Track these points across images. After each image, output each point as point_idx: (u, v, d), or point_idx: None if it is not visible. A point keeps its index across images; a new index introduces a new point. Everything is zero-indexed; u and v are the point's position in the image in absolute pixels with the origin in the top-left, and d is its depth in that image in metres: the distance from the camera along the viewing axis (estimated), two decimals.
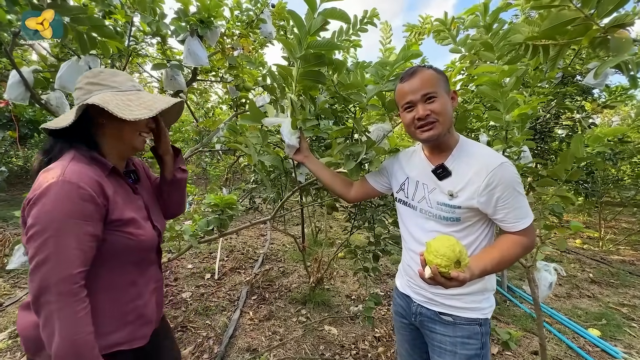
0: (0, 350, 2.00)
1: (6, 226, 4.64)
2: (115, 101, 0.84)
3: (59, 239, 0.72)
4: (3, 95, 1.87)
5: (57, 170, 0.76)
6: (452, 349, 0.98)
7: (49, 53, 2.11)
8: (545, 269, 1.67)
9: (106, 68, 1.05)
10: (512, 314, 2.73)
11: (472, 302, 0.97)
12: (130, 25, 1.99)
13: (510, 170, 0.89)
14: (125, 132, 0.89)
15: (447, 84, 0.96)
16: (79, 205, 0.74)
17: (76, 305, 0.72)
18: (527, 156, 2.11)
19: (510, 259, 0.89)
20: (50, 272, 0.71)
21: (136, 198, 0.95)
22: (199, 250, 4.03)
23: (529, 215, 0.91)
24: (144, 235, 0.88)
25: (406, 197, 1.09)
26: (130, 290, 0.89)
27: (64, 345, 0.70)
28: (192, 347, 2.13)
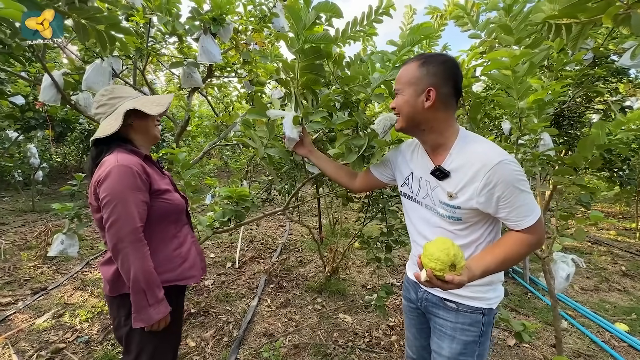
0: (45, 329, 2.22)
1: (49, 217, 5.05)
2: (141, 103, 1.14)
3: (124, 204, 1.01)
4: (37, 98, 2.03)
5: (112, 159, 1.05)
6: (452, 333, 1.00)
7: (77, 57, 2.26)
8: (562, 260, 1.62)
9: (113, 86, 1.24)
10: (533, 307, 2.66)
11: (477, 292, 0.97)
12: (149, 26, 2.08)
13: (510, 168, 0.84)
14: (148, 125, 1.20)
15: (430, 78, 0.90)
16: (132, 180, 1.04)
17: (143, 247, 1.04)
18: (547, 144, 2.02)
19: (514, 258, 0.87)
20: (122, 226, 1.00)
21: (164, 177, 1.26)
22: (221, 241, 4.20)
23: (533, 213, 0.86)
24: (176, 200, 1.20)
25: (411, 192, 1.09)
26: (174, 241, 1.19)
27: (138, 273, 1.01)
28: (213, 330, 2.26)
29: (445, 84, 0.90)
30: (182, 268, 1.19)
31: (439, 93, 0.89)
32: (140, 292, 1.02)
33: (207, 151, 2.67)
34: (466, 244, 0.95)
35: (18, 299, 2.62)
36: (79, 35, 1.60)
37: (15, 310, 2.43)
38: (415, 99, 0.92)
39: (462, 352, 0.99)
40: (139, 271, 1.01)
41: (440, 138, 0.95)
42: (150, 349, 1.11)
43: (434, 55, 0.92)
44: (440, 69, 0.89)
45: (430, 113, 0.92)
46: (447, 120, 0.94)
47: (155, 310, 1.04)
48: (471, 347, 0.98)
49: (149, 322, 1.03)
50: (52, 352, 1.99)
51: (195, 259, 1.25)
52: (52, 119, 3.09)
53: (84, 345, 2.07)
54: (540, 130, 1.75)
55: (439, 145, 0.97)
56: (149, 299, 1.03)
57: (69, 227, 2.12)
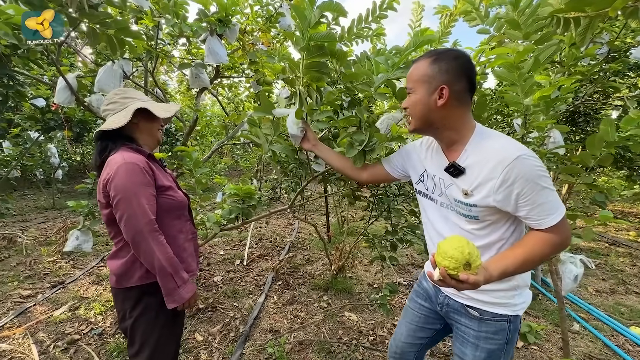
0: (62, 320, 2.32)
1: (67, 214, 5.26)
2: (150, 105, 1.19)
3: (137, 199, 1.06)
4: (53, 100, 2.11)
5: (119, 158, 1.09)
6: (475, 342, 0.96)
7: (90, 60, 2.34)
8: (570, 261, 1.58)
9: (127, 87, 1.29)
10: (544, 308, 2.60)
11: (502, 298, 0.92)
12: (157, 28, 2.14)
13: (530, 163, 0.79)
14: (153, 128, 1.26)
15: (442, 75, 0.86)
16: (141, 176, 1.09)
17: (160, 236, 1.10)
18: (558, 141, 1.97)
19: (537, 260, 0.82)
20: (139, 220, 1.05)
21: (167, 174, 1.31)
22: (231, 238, 4.27)
23: (557, 211, 0.80)
24: (179, 197, 1.25)
25: (426, 190, 1.06)
26: (180, 236, 1.25)
27: (162, 260, 1.07)
28: (220, 325, 2.31)
29: (459, 81, 0.86)
30: (187, 262, 1.25)
31: (452, 90, 0.86)
32: (167, 277, 1.09)
33: (215, 150, 2.73)
34: (485, 245, 0.91)
35: (38, 291, 2.75)
36: (90, 39, 1.67)
37: (35, 302, 2.55)
38: (427, 97, 0.88)
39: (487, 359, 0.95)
40: (162, 258, 1.08)
41: (455, 135, 0.92)
42: (153, 340, 1.15)
43: (445, 52, 0.88)
44: (452, 65, 0.86)
45: (443, 111, 0.88)
46: (462, 116, 0.90)
47: (185, 289, 1.13)
48: (496, 355, 0.94)
49: (181, 301, 1.12)
50: (68, 343, 2.08)
51: (192, 254, 1.31)
52: (69, 120, 3.22)
53: (97, 337, 2.16)
54: (548, 127, 1.71)
55: (454, 141, 0.93)
56: (177, 281, 1.11)
57: (83, 224, 2.21)
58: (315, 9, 1.12)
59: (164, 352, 1.21)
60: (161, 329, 1.16)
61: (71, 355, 1.99)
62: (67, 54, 3.63)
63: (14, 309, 2.45)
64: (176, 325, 1.26)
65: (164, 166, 1.35)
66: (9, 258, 3.44)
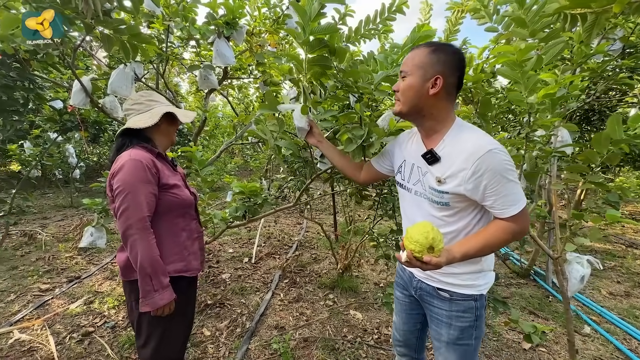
0: (78, 314, 2.42)
1: (85, 212, 5.44)
2: (174, 110, 1.28)
3: (134, 194, 1.10)
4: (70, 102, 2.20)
5: (126, 155, 1.15)
6: (448, 321, 1.04)
7: (104, 64, 2.43)
8: (577, 261, 1.55)
9: (152, 91, 1.37)
10: (554, 310, 2.55)
11: (468, 280, 1.01)
12: (167, 32, 2.21)
13: (499, 157, 0.86)
14: (171, 130, 1.34)
15: (440, 65, 0.91)
16: (143, 173, 1.13)
17: (150, 235, 1.12)
18: (565, 140, 1.94)
19: (495, 244, 0.90)
20: (131, 215, 1.09)
21: (176, 173, 1.36)
22: (240, 237, 4.34)
23: (518, 203, 0.89)
24: (184, 195, 1.29)
25: (402, 180, 1.12)
26: (182, 234, 1.28)
27: (144, 259, 1.09)
28: (228, 321, 2.36)
29: (453, 74, 0.92)
30: (187, 260, 1.28)
31: (446, 82, 0.91)
32: (146, 277, 1.10)
33: (224, 149, 2.79)
34: (454, 231, 0.99)
35: (55, 286, 2.87)
36: (105, 44, 1.74)
37: (53, 296, 2.66)
38: (421, 84, 0.92)
39: (460, 337, 1.03)
40: (145, 257, 1.09)
41: (437, 125, 0.98)
42: (159, 333, 1.20)
43: (444, 45, 0.94)
44: (450, 58, 0.91)
45: (433, 100, 0.94)
46: (447, 109, 0.97)
47: (160, 296, 1.12)
48: (468, 332, 1.03)
49: (154, 306, 1.11)
50: (83, 335, 2.17)
51: (197, 253, 1.34)
52: (85, 121, 3.35)
53: (110, 329, 2.24)
54: (554, 125, 1.69)
55: (435, 131, 0.99)
56: (154, 284, 1.11)
57: (97, 221, 2.30)
58: (315, 1, 1.15)
59: (170, 344, 1.24)
60: (167, 322, 1.20)
61: (85, 346, 2.07)
62: (82, 57, 3.78)
63: (34, 302, 2.57)
64: (182, 322, 1.29)
65: (174, 165, 1.39)
66: (29, 253, 3.60)
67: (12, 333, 2.17)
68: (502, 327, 2.32)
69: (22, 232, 4.20)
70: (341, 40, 1.86)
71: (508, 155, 0.88)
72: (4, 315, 2.40)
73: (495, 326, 2.34)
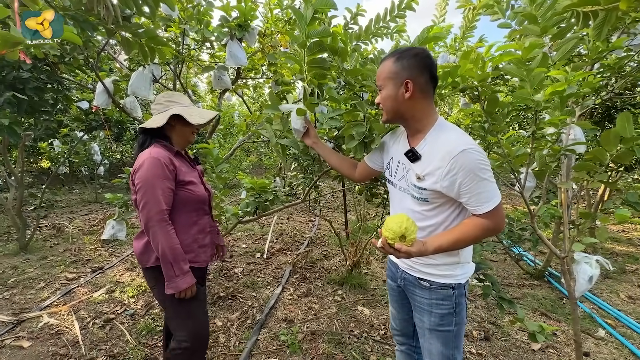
0: (100, 301, 2.58)
1: (108, 207, 5.72)
2: (187, 112, 1.35)
3: (153, 189, 1.21)
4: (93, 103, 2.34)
5: (147, 153, 1.26)
6: (429, 308, 1.11)
7: (124, 67, 2.57)
8: (585, 261, 1.53)
9: (174, 92, 1.44)
10: (567, 313, 2.49)
11: (446, 270, 1.08)
12: (183, 35, 2.31)
13: (473, 157, 0.91)
14: (186, 131, 1.40)
15: (406, 71, 0.97)
16: (161, 170, 1.23)
17: (168, 227, 1.23)
18: (577, 138, 1.90)
19: (468, 239, 0.96)
20: (151, 208, 1.20)
21: (194, 170, 1.45)
22: (253, 232, 4.45)
23: (492, 200, 0.93)
24: (199, 192, 1.38)
25: (390, 176, 1.18)
26: (194, 227, 1.38)
27: (165, 248, 1.20)
28: (239, 313, 2.45)
29: (421, 74, 0.98)
30: (196, 252, 1.38)
31: (416, 83, 0.98)
32: (168, 264, 1.22)
33: (237, 147, 2.88)
34: (433, 225, 1.05)
35: (80, 275, 3.06)
36: (124, 48, 1.85)
37: (78, 284, 2.84)
38: (395, 92, 1.00)
39: (440, 323, 1.10)
40: (165, 246, 1.20)
41: (419, 125, 1.04)
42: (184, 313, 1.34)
43: (406, 50, 1.00)
44: (412, 61, 0.97)
45: (410, 103, 1.00)
46: (427, 108, 1.03)
47: (182, 280, 1.24)
48: (448, 318, 1.09)
49: (177, 289, 1.23)
50: (104, 321, 2.31)
51: (207, 247, 1.44)
52: (108, 120, 3.54)
53: (129, 317, 2.38)
54: (564, 123, 1.66)
55: (418, 131, 1.06)
56: (175, 270, 1.22)
57: (118, 214, 2.44)
58: (310, 7, 1.20)
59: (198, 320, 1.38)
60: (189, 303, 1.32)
61: (107, 331, 2.21)
62: (107, 60, 3.98)
63: (61, 290, 2.75)
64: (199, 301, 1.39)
65: (193, 163, 1.49)
66: (57, 245, 3.84)
67: (42, 317, 2.34)
68: (511, 327, 2.29)
69: (52, 225, 4.48)
70: (351, 40, 1.90)
71: (483, 155, 0.93)
72: (35, 301, 2.58)
73: (505, 326, 2.32)
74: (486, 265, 1.78)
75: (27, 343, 2.07)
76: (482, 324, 2.35)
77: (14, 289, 2.77)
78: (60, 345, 2.07)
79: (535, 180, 1.86)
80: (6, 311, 2.43)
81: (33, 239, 3.76)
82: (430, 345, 1.13)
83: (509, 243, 2.77)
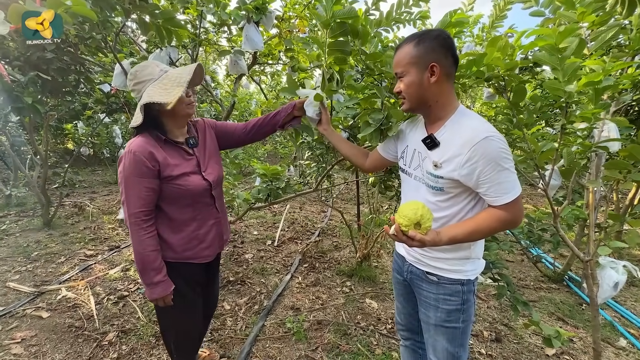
0: (115, 279, 2.66)
1: None
2: (158, 91, 1.10)
3: (127, 189, 1.10)
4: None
5: (129, 144, 1.12)
6: (435, 304, 1.07)
7: (142, 49, 2.58)
8: (611, 266, 1.44)
9: (137, 65, 1.17)
10: (586, 319, 2.38)
11: (455, 265, 1.03)
12: (200, 17, 2.29)
13: (495, 145, 0.87)
14: (175, 108, 1.12)
15: (430, 54, 0.92)
16: (136, 167, 1.09)
17: (140, 231, 1.11)
18: (613, 136, 1.77)
19: (484, 231, 0.92)
20: (127, 209, 1.11)
21: (189, 159, 1.24)
22: (265, 220, 4.48)
23: (512, 191, 0.89)
24: (192, 185, 1.20)
25: (404, 165, 1.14)
26: (191, 223, 1.25)
27: (136, 255, 1.12)
28: (247, 298, 2.48)
29: (445, 56, 0.93)
30: (198, 248, 1.27)
31: (442, 66, 0.93)
32: (139, 271, 1.14)
33: None
34: (447, 216, 1.00)
35: (98, 252, 3.17)
36: (141, 29, 1.85)
37: (95, 261, 2.95)
38: (420, 77, 0.95)
39: (447, 319, 1.06)
40: (136, 252, 1.12)
41: (441, 112, 0.99)
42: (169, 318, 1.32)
43: (425, 32, 0.95)
44: (435, 43, 0.93)
45: (436, 87, 0.95)
46: (450, 92, 0.98)
47: (151, 290, 1.15)
48: (455, 315, 1.05)
49: (149, 297, 1.17)
50: (118, 298, 2.39)
51: (213, 240, 1.32)
52: (128, 103, 3.60)
53: (142, 295, 2.45)
54: (597, 118, 1.55)
55: (439, 118, 1.01)
56: (144, 279, 1.14)
57: None
58: None
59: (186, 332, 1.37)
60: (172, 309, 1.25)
61: (120, 308, 2.29)
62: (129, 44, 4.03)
63: (79, 265, 2.86)
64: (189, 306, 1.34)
65: (192, 147, 1.27)
66: (78, 222, 3.99)
67: (60, 290, 2.45)
68: (524, 330, 2.21)
69: (74, 203, 4.66)
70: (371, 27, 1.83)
71: (505, 143, 0.89)
72: (55, 275, 2.70)
73: (518, 328, 2.24)
74: (502, 264, 1.71)
75: (46, 314, 2.17)
76: (493, 324, 2.28)
77: (36, 262, 2.91)
78: (76, 318, 2.16)
79: (561, 178, 1.75)
80: (28, 282, 2.55)
81: (56, 216, 3.93)
82: (435, 341, 1.10)
83: (527, 244, 2.65)
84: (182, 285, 1.25)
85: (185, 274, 1.27)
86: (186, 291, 1.28)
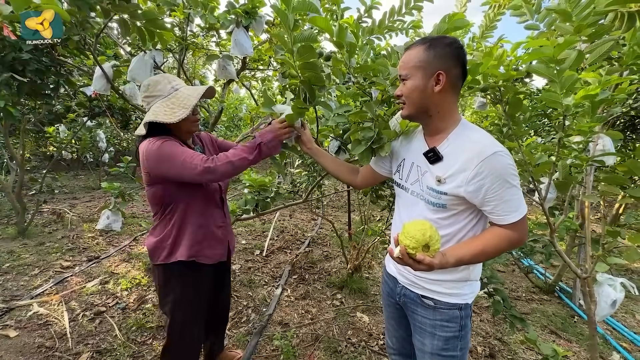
0: (92, 292, 2.51)
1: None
2: (163, 109, 1.18)
3: (175, 156, 1.14)
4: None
5: (148, 140, 1.18)
6: (432, 330, 1.00)
7: (126, 52, 2.47)
8: (608, 284, 1.40)
9: (151, 78, 1.25)
10: (579, 332, 2.35)
11: (453, 288, 0.97)
12: (187, 20, 2.20)
13: (504, 161, 0.82)
14: (180, 123, 1.20)
15: (438, 61, 0.86)
16: (173, 142, 1.17)
17: (218, 163, 1.15)
18: (607, 149, 1.76)
19: (492, 252, 0.86)
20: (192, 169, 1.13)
21: None
22: (254, 229, 4.36)
23: (519, 210, 0.85)
24: None
25: (400, 179, 1.07)
26: (202, 220, 1.30)
27: (234, 162, 1.16)
28: (233, 312, 2.36)
29: (455, 66, 0.87)
30: (201, 246, 1.30)
31: (449, 76, 0.87)
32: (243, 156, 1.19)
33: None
34: (447, 235, 0.94)
35: (76, 263, 3.00)
36: (122, 30, 1.75)
37: (72, 273, 2.78)
38: (425, 83, 0.88)
39: (444, 347, 0.99)
40: (239, 168, 1.18)
41: (442, 123, 0.94)
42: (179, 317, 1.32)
43: (438, 38, 0.89)
44: (447, 51, 0.86)
45: (439, 97, 0.89)
46: (453, 104, 0.93)
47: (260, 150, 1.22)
48: (453, 342, 0.98)
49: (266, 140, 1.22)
50: (95, 314, 2.24)
51: (221, 241, 1.38)
52: (112, 107, 3.47)
53: (121, 310, 2.31)
54: (593, 131, 1.52)
55: (440, 130, 0.95)
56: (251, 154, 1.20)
57: (114, 204, 2.36)
58: (291, 11, 1.07)
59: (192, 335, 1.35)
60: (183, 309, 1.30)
61: (96, 325, 2.14)
62: (113, 46, 3.91)
63: (54, 278, 2.70)
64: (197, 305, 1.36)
65: None
66: (56, 231, 3.80)
67: (32, 306, 2.28)
68: (518, 345, 2.16)
69: (52, 210, 4.45)
70: (363, 34, 1.77)
71: (512, 160, 0.85)
72: (27, 288, 2.53)
73: (512, 343, 2.19)
74: (497, 279, 1.66)
75: (13, 333, 2.01)
76: (487, 339, 2.22)
77: (7, 274, 2.73)
78: (47, 336, 2.01)
79: (556, 192, 1.72)
80: None
81: (32, 224, 3.73)
82: None
83: (519, 255, 2.63)
84: (189, 285, 1.31)
85: (194, 274, 1.31)
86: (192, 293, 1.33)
